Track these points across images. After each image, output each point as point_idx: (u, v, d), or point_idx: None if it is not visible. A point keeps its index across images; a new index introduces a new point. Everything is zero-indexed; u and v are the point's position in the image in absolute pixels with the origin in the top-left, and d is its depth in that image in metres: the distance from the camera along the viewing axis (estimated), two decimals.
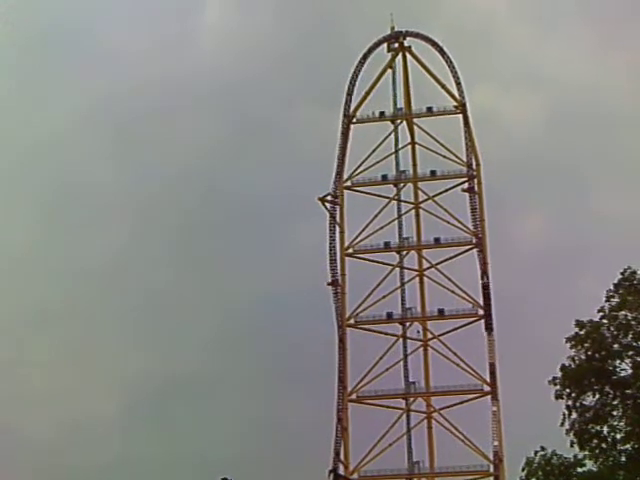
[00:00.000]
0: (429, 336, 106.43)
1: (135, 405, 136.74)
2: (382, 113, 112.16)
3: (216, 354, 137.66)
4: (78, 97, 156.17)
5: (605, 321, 55.85)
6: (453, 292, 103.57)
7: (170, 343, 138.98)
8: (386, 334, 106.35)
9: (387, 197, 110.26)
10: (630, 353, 54.75)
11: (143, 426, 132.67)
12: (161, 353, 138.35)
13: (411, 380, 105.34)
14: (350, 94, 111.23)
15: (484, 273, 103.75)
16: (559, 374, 56.20)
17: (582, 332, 55.99)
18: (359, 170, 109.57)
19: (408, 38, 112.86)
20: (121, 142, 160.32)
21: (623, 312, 55.25)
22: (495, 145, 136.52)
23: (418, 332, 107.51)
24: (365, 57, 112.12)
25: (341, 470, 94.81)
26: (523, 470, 56.98)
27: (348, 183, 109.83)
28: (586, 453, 55.18)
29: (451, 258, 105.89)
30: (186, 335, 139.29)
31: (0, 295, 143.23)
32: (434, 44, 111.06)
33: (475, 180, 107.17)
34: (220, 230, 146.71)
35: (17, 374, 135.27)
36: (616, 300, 55.56)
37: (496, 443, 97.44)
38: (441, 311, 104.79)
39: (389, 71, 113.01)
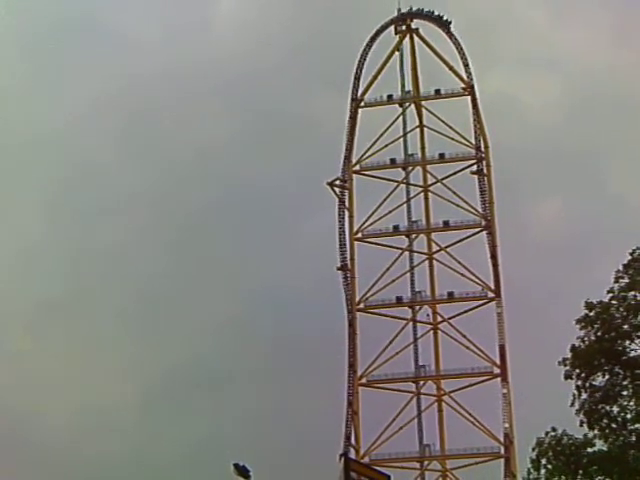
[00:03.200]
0: (439, 319, 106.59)
1: (150, 391, 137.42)
2: (390, 96, 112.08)
3: (229, 339, 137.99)
4: (93, 86, 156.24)
5: (614, 302, 55.87)
6: (463, 275, 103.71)
7: (184, 329, 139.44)
8: (396, 318, 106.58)
9: (396, 181, 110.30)
10: None
11: (158, 412, 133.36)
12: (176, 339, 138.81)
13: (421, 363, 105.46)
14: (358, 78, 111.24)
15: (493, 256, 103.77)
16: (569, 355, 56.30)
17: (592, 313, 56.04)
18: (368, 154, 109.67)
19: (415, 20, 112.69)
20: (135, 131, 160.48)
21: (632, 293, 55.21)
22: (510, 129, 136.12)
23: (428, 315, 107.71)
24: (372, 40, 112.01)
25: (352, 454, 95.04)
26: (533, 450, 57.11)
27: (357, 167, 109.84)
28: (596, 433, 55.23)
29: (460, 241, 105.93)
30: (199, 321, 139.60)
31: (12, 285, 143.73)
32: (441, 25, 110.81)
33: (484, 162, 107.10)
34: (232, 217, 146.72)
35: (32, 364, 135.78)
36: (625, 281, 55.51)
37: (506, 425, 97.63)
38: (451, 294, 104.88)
39: (397, 54, 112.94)
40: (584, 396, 55.42)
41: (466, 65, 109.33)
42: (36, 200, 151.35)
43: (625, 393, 55.17)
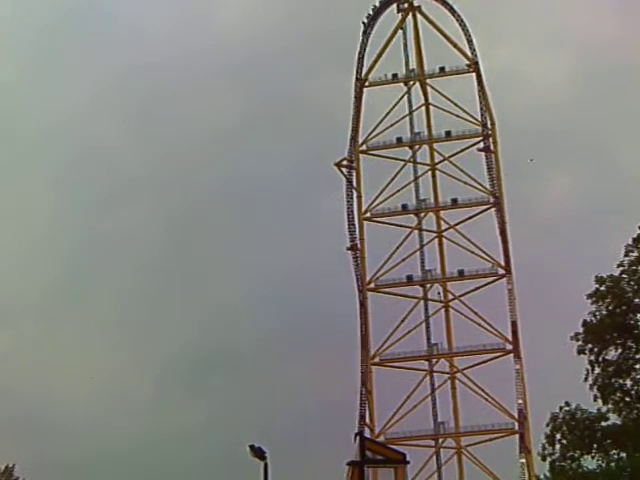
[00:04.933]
0: (450, 297, 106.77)
1: (164, 373, 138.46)
2: (395, 75, 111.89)
3: (241, 321, 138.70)
4: (100, 73, 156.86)
5: (625, 276, 55.98)
6: (472, 252, 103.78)
7: (196, 311, 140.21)
8: (407, 297, 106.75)
9: (403, 160, 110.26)
10: None
11: (171, 393, 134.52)
12: (188, 321, 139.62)
13: (433, 341, 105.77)
14: (362, 58, 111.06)
15: (503, 232, 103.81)
16: (581, 330, 56.46)
17: (602, 288, 56.16)
18: (374, 134, 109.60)
19: None
20: (142, 117, 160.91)
21: None
22: (519, 106, 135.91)
23: (439, 293, 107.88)
24: (374, 19, 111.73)
25: (367, 433, 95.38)
26: (548, 426, 57.37)
27: (363, 147, 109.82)
28: (610, 407, 55.50)
29: (469, 218, 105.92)
30: (211, 303, 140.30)
31: (26, 274, 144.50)
32: (444, 2, 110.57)
33: (490, 139, 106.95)
34: (240, 200, 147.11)
35: (46, 349, 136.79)
36: (635, 254, 55.66)
37: (520, 401, 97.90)
38: (461, 272, 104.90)
39: (400, 33, 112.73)
40: (597, 370, 55.68)
41: (470, 42, 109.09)
42: (43, 187, 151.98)
43: (638, 366, 55.42)
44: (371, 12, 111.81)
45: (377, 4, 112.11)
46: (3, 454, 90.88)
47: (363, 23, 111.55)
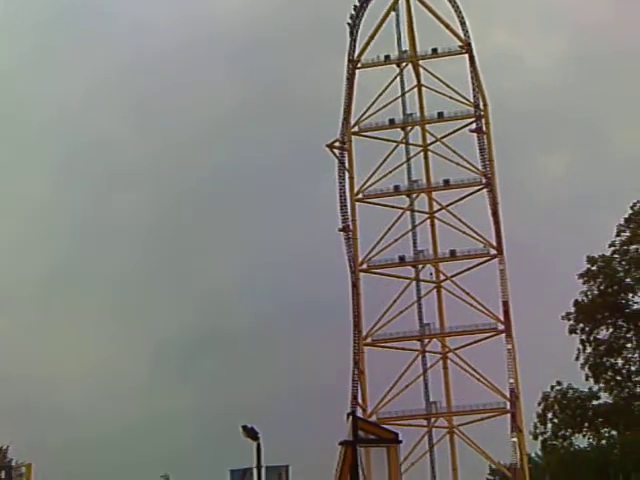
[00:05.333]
0: (442, 277, 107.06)
1: (160, 355, 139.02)
2: (387, 57, 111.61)
3: (235, 307, 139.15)
4: (104, 63, 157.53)
5: (616, 256, 56.34)
6: (464, 233, 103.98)
7: (191, 299, 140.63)
8: (399, 277, 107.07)
9: (395, 141, 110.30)
10: None
11: (169, 381, 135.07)
12: (182, 303, 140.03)
13: (425, 322, 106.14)
14: (354, 39, 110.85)
15: (495, 213, 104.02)
16: (572, 310, 56.82)
17: (594, 267, 56.53)
18: (366, 115, 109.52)
19: None
20: (142, 108, 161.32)
21: (634, 246, 55.71)
22: (513, 87, 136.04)
23: (431, 274, 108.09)
24: (367, 1, 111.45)
25: (359, 413, 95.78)
26: (539, 405, 57.88)
27: (355, 129, 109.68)
28: (601, 386, 56.08)
29: (461, 199, 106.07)
30: (206, 290, 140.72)
31: (21, 262, 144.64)
32: None
33: (483, 120, 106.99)
34: (234, 184, 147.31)
35: (46, 335, 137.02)
36: (627, 235, 56.05)
37: (512, 380, 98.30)
38: (453, 252, 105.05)
39: (392, 14, 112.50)
40: (588, 350, 56.19)
41: (462, 23, 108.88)
42: (40, 178, 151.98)
43: (629, 345, 55.94)
44: None
45: None
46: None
47: (355, 6, 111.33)
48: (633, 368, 55.56)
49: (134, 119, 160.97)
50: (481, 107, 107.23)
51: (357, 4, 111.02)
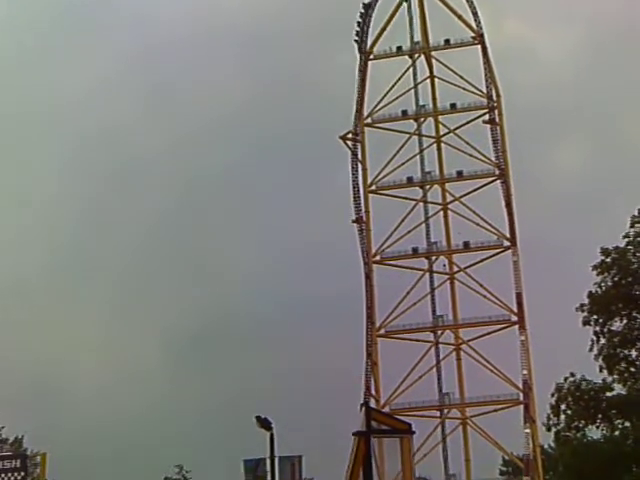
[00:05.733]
0: (455, 269, 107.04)
1: (179, 347, 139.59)
2: (399, 48, 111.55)
3: (248, 296, 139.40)
4: (117, 50, 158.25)
5: (630, 247, 56.21)
6: (478, 224, 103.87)
7: (206, 286, 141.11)
8: (412, 269, 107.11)
9: (408, 132, 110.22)
10: None
11: (183, 369, 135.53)
12: (200, 296, 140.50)
13: (439, 313, 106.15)
14: (366, 31, 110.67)
15: (508, 204, 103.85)
16: (586, 301, 56.69)
17: (608, 259, 56.41)
18: (379, 107, 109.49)
19: None
20: (156, 96, 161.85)
21: None
22: (526, 78, 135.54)
23: (444, 266, 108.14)
24: None
25: (372, 404, 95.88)
26: (553, 396, 57.79)
27: (368, 120, 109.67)
28: (615, 377, 55.92)
29: (474, 191, 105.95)
30: (220, 279, 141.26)
31: (36, 244, 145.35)
32: None
33: (496, 111, 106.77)
34: (248, 174, 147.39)
35: (62, 325, 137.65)
36: None
37: (525, 372, 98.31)
38: (466, 244, 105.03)
39: (405, 5, 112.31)
40: (602, 341, 55.98)
41: (475, 14, 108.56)
42: (53, 166, 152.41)
43: None
44: None
45: None
46: (14, 424, 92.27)
47: None
48: None
49: (145, 109, 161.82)
50: (494, 98, 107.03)
51: None
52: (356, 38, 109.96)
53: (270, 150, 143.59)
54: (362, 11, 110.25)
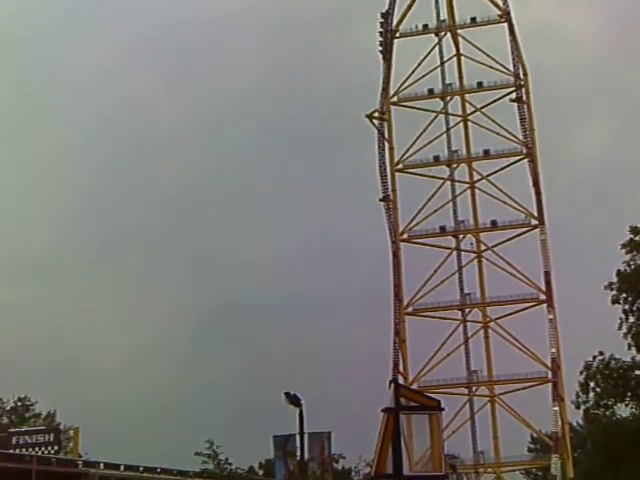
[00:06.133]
0: (482, 247, 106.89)
1: (205, 327, 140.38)
2: (425, 26, 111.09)
3: (276, 276, 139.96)
4: (141, 29, 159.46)
5: None
6: (505, 203, 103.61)
7: (234, 267, 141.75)
8: (440, 247, 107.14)
9: (434, 111, 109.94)
10: None
11: (213, 347, 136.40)
12: (223, 274, 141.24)
13: (466, 291, 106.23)
14: (392, 8, 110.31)
15: (536, 183, 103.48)
16: (615, 280, 56.53)
17: (637, 238, 56.21)
18: (405, 85, 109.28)
19: None
20: (182, 72, 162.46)
21: None
22: (554, 56, 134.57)
23: (471, 244, 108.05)
24: None
25: (400, 381, 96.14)
26: (581, 374, 57.73)
27: (394, 99, 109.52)
28: None
29: (502, 169, 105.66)
30: (247, 259, 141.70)
31: (60, 227, 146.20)
32: None
33: (523, 90, 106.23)
34: (275, 151, 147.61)
35: (84, 303, 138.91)
36: None
37: (553, 350, 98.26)
38: (494, 222, 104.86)
39: None
40: (631, 319, 55.78)
41: None
42: (78, 140, 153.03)
43: None
44: None
45: None
46: (46, 401, 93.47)
47: None
48: None
49: (168, 89, 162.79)
50: (521, 76, 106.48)
51: None
52: (381, 17, 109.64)
53: (295, 129, 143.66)
54: None
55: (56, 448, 66.88)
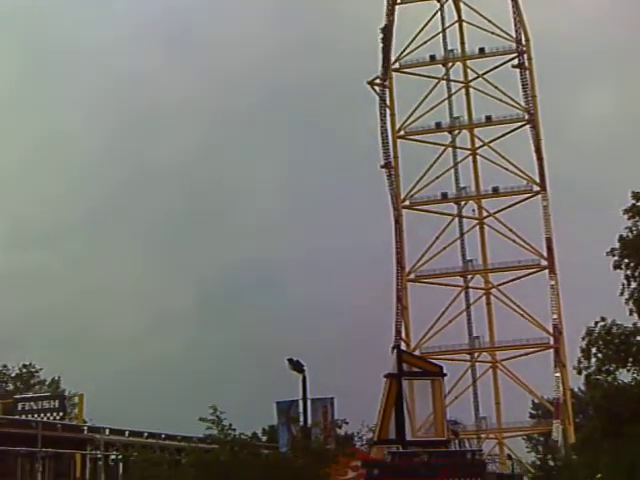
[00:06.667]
0: (484, 214, 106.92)
1: (209, 295, 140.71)
2: None
3: (277, 242, 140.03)
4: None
5: None
6: (507, 170, 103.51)
7: (237, 234, 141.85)
8: (441, 214, 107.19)
9: (436, 77, 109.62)
10: None
11: (216, 315, 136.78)
12: (227, 242, 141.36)
13: (468, 258, 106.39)
14: None
15: (538, 149, 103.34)
16: (617, 245, 56.51)
17: (639, 203, 56.12)
18: (407, 52, 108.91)
19: None
20: (183, 42, 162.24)
21: None
22: (556, 22, 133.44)
23: (473, 211, 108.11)
24: None
25: (403, 348, 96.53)
26: (583, 340, 57.87)
27: (396, 65, 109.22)
28: None
29: (503, 136, 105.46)
30: (250, 226, 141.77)
31: (74, 190, 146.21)
32: None
33: (525, 56, 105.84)
34: (276, 119, 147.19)
35: (95, 267, 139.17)
36: None
37: (555, 316, 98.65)
38: (496, 189, 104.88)
39: None
40: (633, 285, 55.80)
41: None
42: (87, 111, 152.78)
43: None
44: None
45: None
46: (52, 368, 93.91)
47: None
48: None
49: (178, 52, 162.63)
50: (523, 42, 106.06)
51: None
52: None
53: (296, 95, 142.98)
54: None
55: (61, 414, 67.30)
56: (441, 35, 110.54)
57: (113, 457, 57.29)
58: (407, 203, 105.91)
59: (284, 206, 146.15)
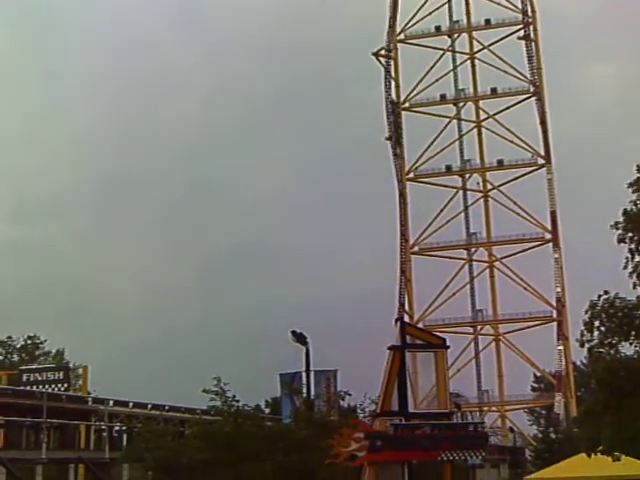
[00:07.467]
0: (489, 187, 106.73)
1: (210, 269, 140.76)
2: None
3: (278, 217, 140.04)
4: None
5: None
6: (512, 142, 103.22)
7: (238, 209, 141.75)
8: (446, 187, 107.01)
9: (441, 49, 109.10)
10: None
11: (218, 288, 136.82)
12: (229, 217, 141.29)
13: (472, 231, 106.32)
14: None
15: (543, 122, 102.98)
16: (621, 219, 56.54)
17: None
18: (412, 23, 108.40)
19: None
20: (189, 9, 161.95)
21: None
22: None
23: (478, 183, 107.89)
24: None
25: (406, 320, 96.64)
26: (586, 313, 57.98)
27: (401, 36, 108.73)
28: None
29: (509, 108, 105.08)
30: (250, 199, 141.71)
31: (74, 164, 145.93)
32: None
33: (531, 27, 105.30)
34: (279, 89, 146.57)
35: (96, 241, 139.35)
36: None
37: (558, 289, 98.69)
38: (500, 162, 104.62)
39: None
40: (637, 258, 55.92)
41: None
42: (92, 79, 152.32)
43: None
44: None
45: None
46: (56, 341, 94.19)
47: None
48: None
49: (181, 21, 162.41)
50: (529, 14, 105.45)
51: None
52: None
53: (300, 68, 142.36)
54: None
55: (65, 385, 67.63)
56: (447, 5, 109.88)
57: (117, 428, 57.61)
58: (411, 175, 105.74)
59: (284, 183, 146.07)
